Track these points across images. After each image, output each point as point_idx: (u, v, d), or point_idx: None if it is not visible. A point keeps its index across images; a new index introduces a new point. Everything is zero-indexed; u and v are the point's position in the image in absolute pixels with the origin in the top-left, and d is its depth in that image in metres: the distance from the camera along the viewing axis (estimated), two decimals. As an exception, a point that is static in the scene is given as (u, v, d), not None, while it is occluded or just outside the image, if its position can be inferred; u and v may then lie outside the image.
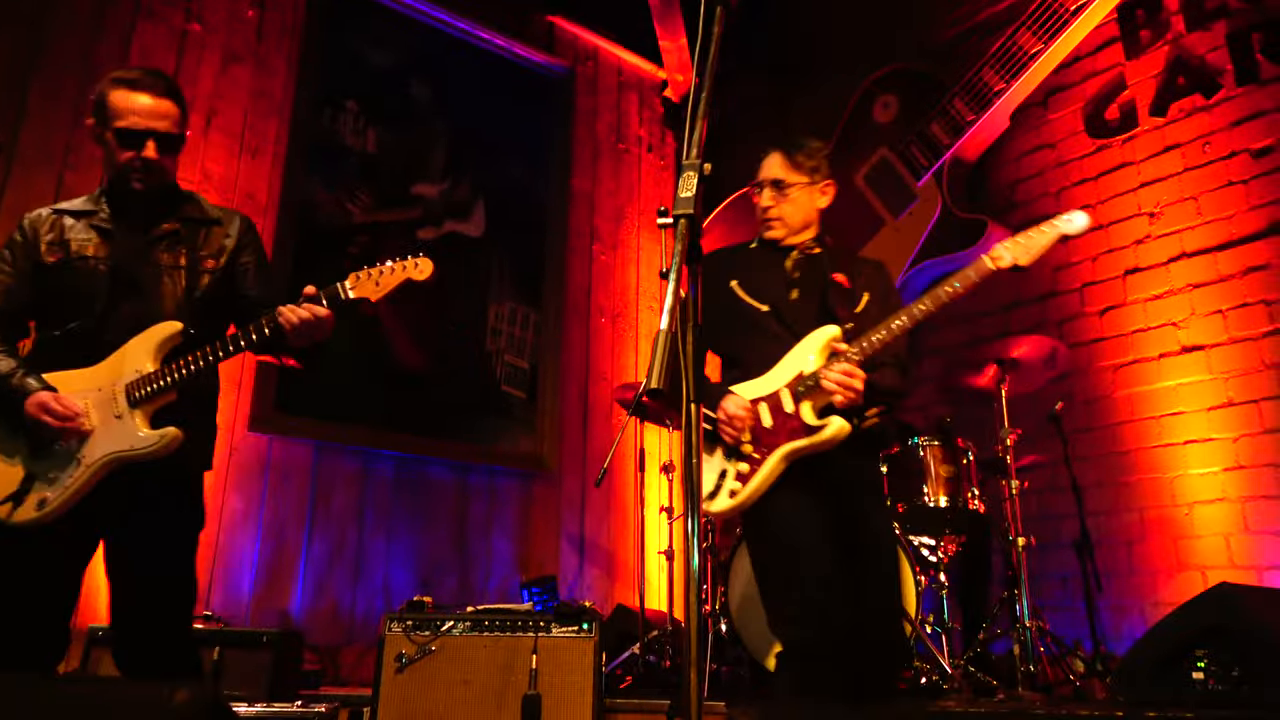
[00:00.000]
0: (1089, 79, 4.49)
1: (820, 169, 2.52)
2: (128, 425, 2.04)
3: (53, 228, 2.19)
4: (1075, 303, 4.37)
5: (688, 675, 1.16)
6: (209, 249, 2.25)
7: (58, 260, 2.14)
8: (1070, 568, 3.94)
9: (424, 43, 5.25)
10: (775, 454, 2.22)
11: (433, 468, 4.73)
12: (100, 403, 2.06)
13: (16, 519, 1.99)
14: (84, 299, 2.13)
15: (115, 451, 2.02)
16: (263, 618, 4.03)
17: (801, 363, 2.30)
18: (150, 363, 2.08)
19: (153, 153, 2.13)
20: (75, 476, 2.01)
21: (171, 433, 2.03)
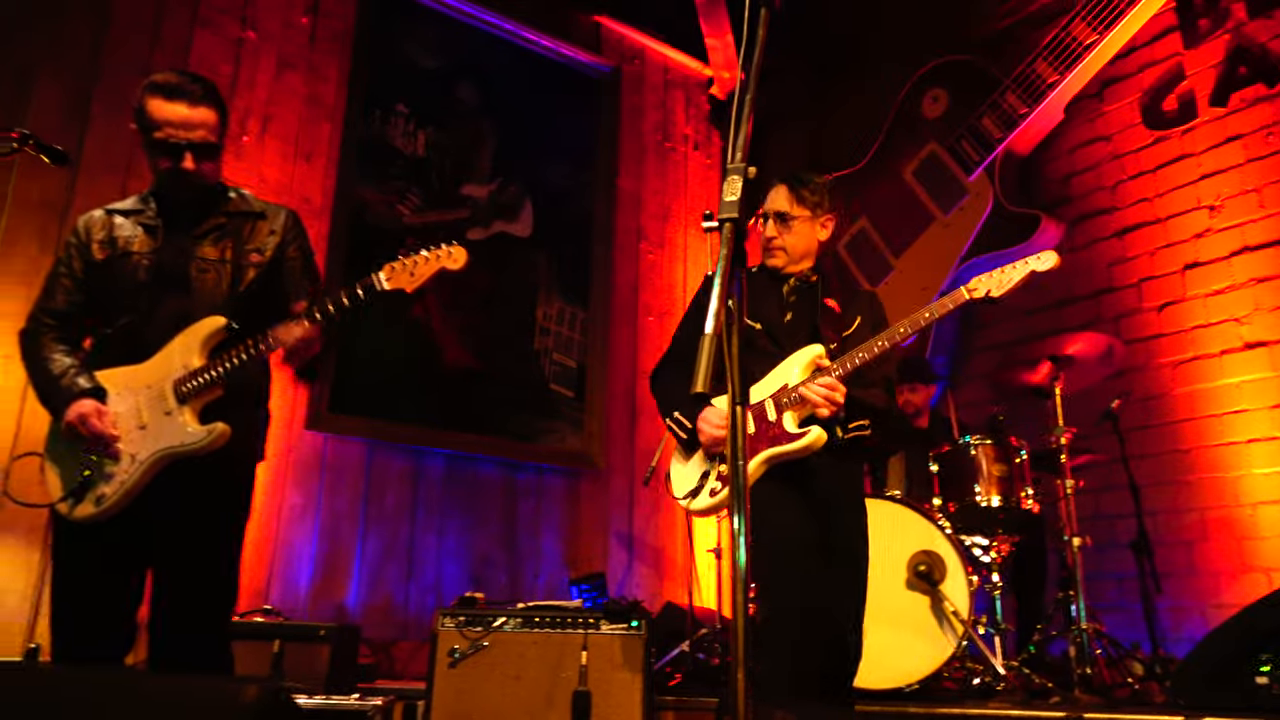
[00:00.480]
0: (1146, 69, 4.38)
1: (823, 204, 2.63)
2: (177, 421, 2.08)
3: (104, 226, 2.23)
4: (1132, 298, 4.28)
5: (735, 675, 1.17)
6: (254, 243, 2.26)
7: (106, 257, 2.19)
8: (1127, 568, 3.86)
9: (472, 45, 5.31)
10: (756, 458, 2.38)
11: (482, 465, 4.79)
12: (150, 400, 2.11)
13: (77, 515, 2.06)
14: (130, 295, 2.17)
15: (166, 448, 2.07)
16: (320, 612, 4.12)
17: (786, 376, 2.44)
18: (197, 358, 2.11)
19: (190, 164, 2.14)
20: (130, 472, 2.06)
21: (219, 428, 2.07)
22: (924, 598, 3.23)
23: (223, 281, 2.20)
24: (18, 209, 3.73)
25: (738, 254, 1.34)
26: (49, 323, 2.21)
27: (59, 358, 2.16)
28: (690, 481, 2.51)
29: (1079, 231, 4.54)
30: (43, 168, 2.49)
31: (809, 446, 2.33)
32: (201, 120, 2.14)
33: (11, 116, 3.77)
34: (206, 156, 2.17)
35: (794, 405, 2.38)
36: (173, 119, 2.11)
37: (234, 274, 2.21)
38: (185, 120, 2.12)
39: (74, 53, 3.98)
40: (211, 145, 2.18)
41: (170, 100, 2.12)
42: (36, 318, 2.22)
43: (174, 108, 2.12)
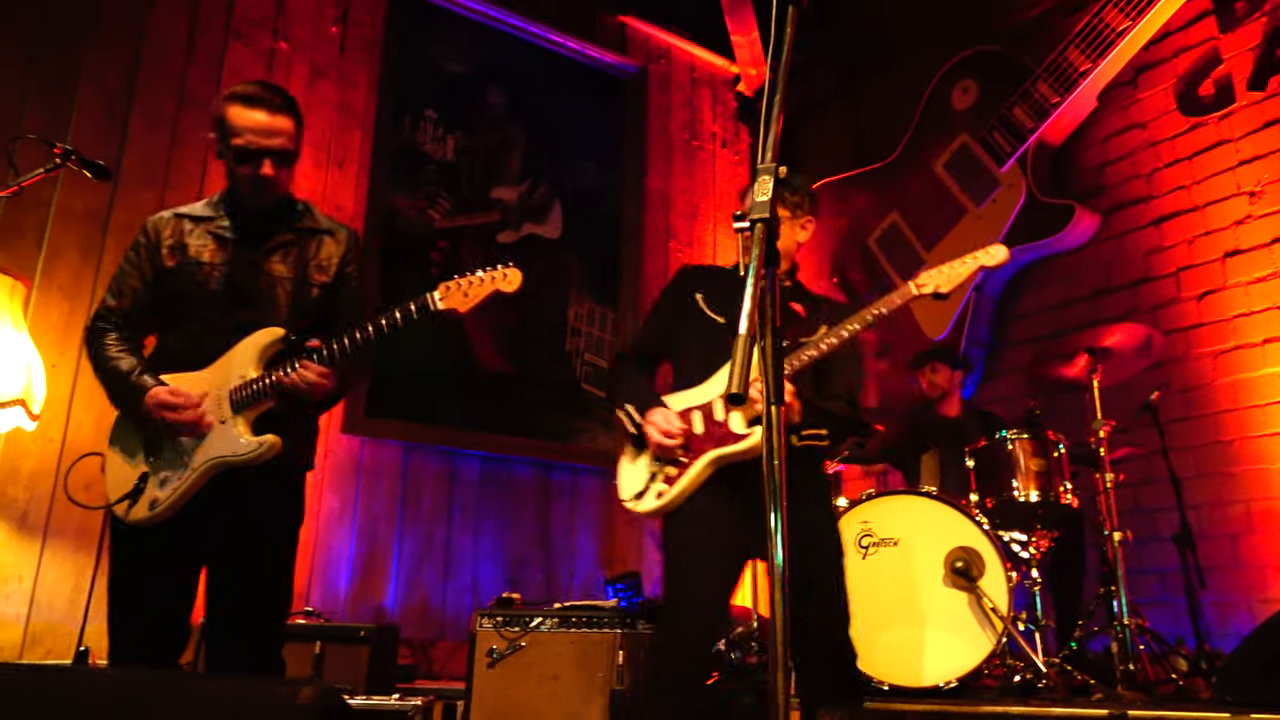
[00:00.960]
0: (1180, 54, 4.31)
1: (803, 205, 2.60)
2: (230, 431, 2.11)
3: (174, 231, 2.25)
4: (1171, 288, 4.21)
5: (773, 676, 1.17)
6: (319, 261, 2.29)
7: (175, 264, 2.21)
8: (1170, 562, 3.81)
9: (498, 49, 5.34)
10: (702, 459, 2.33)
11: (516, 466, 4.82)
12: (209, 407, 2.14)
13: (133, 517, 2.10)
14: (198, 304, 2.20)
15: (218, 456, 2.09)
16: (359, 613, 4.17)
17: None
18: (253, 368, 2.14)
19: (269, 170, 2.17)
20: (183, 479, 2.09)
21: (270, 440, 2.09)
22: (962, 594, 3.21)
23: (288, 297, 2.23)
24: (61, 220, 3.82)
25: (770, 254, 1.34)
26: (114, 321, 2.24)
27: (125, 356, 2.19)
28: (638, 482, 2.45)
29: (1114, 221, 4.48)
30: (85, 180, 2.55)
31: (755, 448, 2.27)
32: (281, 128, 2.18)
33: (55, 128, 3.86)
34: (284, 164, 2.21)
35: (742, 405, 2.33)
36: (253, 126, 2.15)
37: (298, 290, 2.24)
38: (265, 127, 2.15)
39: (112, 66, 4.07)
40: (289, 153, 2.21)
41: (250, 108, 2.15)
42: (103, 316, 2.25)
43: (254, 115, 2.15)
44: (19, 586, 3.47)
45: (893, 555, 3.33)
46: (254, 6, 4.52)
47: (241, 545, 2.15)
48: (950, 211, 5.08)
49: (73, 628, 3.49)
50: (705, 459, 2.32)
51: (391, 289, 4.61)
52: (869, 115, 5.98)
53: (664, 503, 2.36)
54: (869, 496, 3.44)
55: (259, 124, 2.15)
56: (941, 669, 3.12)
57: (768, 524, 1.24)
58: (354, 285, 2.36)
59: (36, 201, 3.76)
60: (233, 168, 2.20)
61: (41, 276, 3.73)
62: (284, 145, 2.18)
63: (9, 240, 3.69)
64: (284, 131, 2.18)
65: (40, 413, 3.27)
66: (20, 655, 3.41)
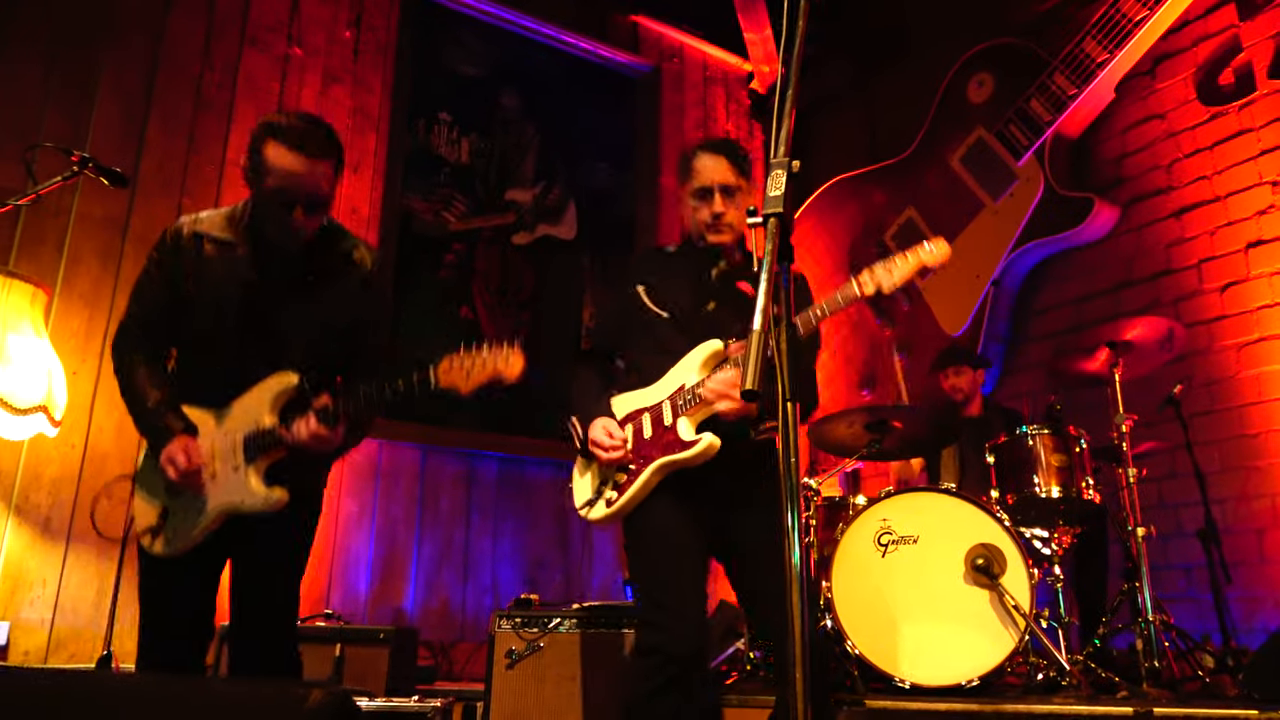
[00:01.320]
0: (1200, 43, 4.26)
1: (752, 175, 2.46)
2: (241, 479, 2.11)
3: (194, 253, 2.15)
4: (1193, 280, 4.16)
5: (792, 674, 1.16)
6: (340, 298, 2.21)
7: (196, 294, 2.14)
8: (1195, 558, 3.76)
9: (512, 51, 5.35)
10: (650, 466, 2.26)
11: (534, 468, 4.83)
12: (223, 452, 2.13)
13: (155, 550, 2.14)
14: (216, 341, 2.16)
15: (229, 504, 2.11)
16: (379, 615, 4.19)
17: (685, 376, 2.31)
18: (268, 416, 2.11)
19: (300, 216, 2.06)
20: (197, 523, 2.12)
21: (277, 495, 2.09)
22: (983, 592, 3.18)
23: (308, 336, 2.18)
24: (80, 227, 3.85)
25: (783, 249, 1.33)
26: (139, 334, 2.21)
27: (151, 386, 2.15)
28: (586, 490, 2.40)
29: (1134, 213, 4.43)
30: (103, 187, 2.57)
31: (702, 455, 2.21)
32: (321, 174, 2.04)
33: (75, 134, 3.90)
34: (316, 211, 2.09)
35: (691, 408, 2.25)
36: (292, 169, 2.01)
37: (319, 332, 2.19)
38: (304, 173, 2.02)
39: (130, 72, 4.10)
40: (323, 199, 2.08)
41: (292, 150, 2.01)
42: (129, 329, 2.22)
43: (295, 158, 2.01)
44: (43, 591, 3.51)
45: (912, 553, 3.31)
46: (269, 12, 4.54)
47: (260, 550, 2.18)
48: (967, 206, 5.04)
49: (96, 632, 3.53)
50: (653, 466, 2.26)
51: (407, 292, 4.63)
52: (883, 109, 5.95)
53: (613, 510, 2.31)
54: (888, 494, 3.41)
55: (295, 169, 2.01)
56: (963, 667, 3.09)
57: (784, 520, 1.22)
58: (373, 321, 2.31)
59: (57, 209, 3.80)
60: (260, 203, 2.10)
61: (62, 284, 3.76)
62: (318, 192, 2.06)
63: (31, 248, 3.72)
64: (324, 176, 2.06)
65: (62, 419, 3.30)
66: (45, 659, 3.45)
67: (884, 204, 5.61)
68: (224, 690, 0.76)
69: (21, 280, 3.23)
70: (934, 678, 3.09)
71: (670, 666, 2.11)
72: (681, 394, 2.28)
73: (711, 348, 2.30)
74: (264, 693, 0.70)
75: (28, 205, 2.56)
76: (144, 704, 0.79)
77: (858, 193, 5.82)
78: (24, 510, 3.53)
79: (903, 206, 5.47)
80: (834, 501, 3.87)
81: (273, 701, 0.68)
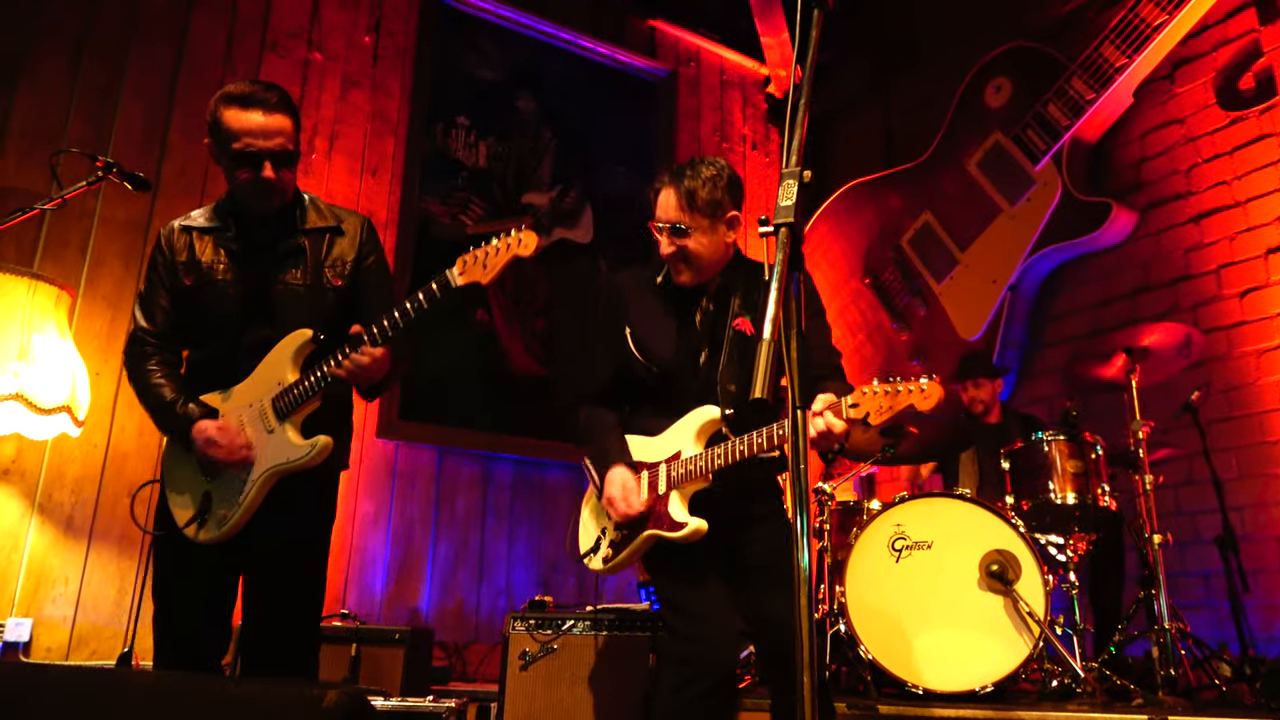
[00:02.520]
0: (1220, 48, 4.23)
1: (722, 203, 2.24)
2: (280, 438, 2.11)
3: (185, 246, 2.21)
4: (1211, 285, 4.13)
5: (800, 678, 1.17)
6: (332, 263, 2.24)
7: (193, 283, 2.19)
8: (1212, 565, 3.73)
9: (529, 55, 5.38)
10: (640, 536, 2.24)
11: (550, 470, 4.85)
12: (252, 419, 2.14)
13: (203, 537, 2.11)
14: (218, 323, 2.19)
15: (274, 465, 2.10)
16: (395, 616, 4.22)
17: (681, 442, 2.24)
18: (290, 373, 2.13)
19: (270, 173, 2.11)
20: (247, 493, 2.10)
21: (323, 441, 2.09)
22: (998, 598, 3.17)
23: (305, 305, 2.20)
24: (104, 230, 3.91)
25: (794, 258, 1.34)
26: (152, 343, 2.23)
27: (167, 383, 2.18)
28: (589, 539, 2.39)
29: (1152, 218, 4.41)
30: (126, 190, 2.60)
31: (689, 538, 2.15)
32: (279, 128, 2.10)
33: (99, 137, 3.96)
34: (285, 165, 2.14)
35: (685, 481, 2.19)
36: (251, 128, 2.08)
37: (315, 297, 2.21)
38: (262, 128, 2.08)
39: (153, 78, 4.16)
40: (290, 153, 2.14)
41: (246, 109, 2.08)
42: (139, 339, 2.25)
43: (250, 116, 2.08)
44: (65, 589, 3.56)
45: (927, 558, 3.30)
46: (289, 18, 4.59)
47: (280, 546, 2.17)
48: (984, 211, 5.03)
49: (117, 629, 3.58)
50: (642, 536, 2.23)
51: (425, 294, 4.66)
52: (900, 114, 5.94)
53: (609, 567, 2.34)
54: (902, 499, 3.41)
55: (256, 125, 2.08)
56: (977, 673, 3.09)
57: (794, 529, 1.24)
58: (375, 277, 2.31)
59: (81, 212, 3.86)
60: (232, 173, 2.13)
61: (86, 286, 3.82)
62: (283, 145, 2.11)
63: (55, 250, 3.78)
64: (283, 131, 2.11)
65: (85, 419, 3.35)
66: (67, 656, 3.50)
67: (900, 208, 5.60)
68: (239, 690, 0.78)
69: (46, 282, 3.28)
70: (947, 683, 3.09)
71: (704, 679, 2.07)
72: (677, 463, 2.22)
73: (707, 415, 2.22)
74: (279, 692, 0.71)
75: (53, 209, 2.60)
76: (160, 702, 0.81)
77: (874, 197, 5.81)
78: (47, 509, 3.59)
79: (919, 211, 5.46)
80: (848, 506, 3.87)
81: (288, 701, 0.69)
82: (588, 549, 2.39)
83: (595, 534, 2.39)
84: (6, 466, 3.54)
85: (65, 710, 0.86)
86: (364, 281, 2.29)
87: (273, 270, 2.20)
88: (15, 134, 3.79)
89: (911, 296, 5.41)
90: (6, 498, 3.52)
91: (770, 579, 2.21)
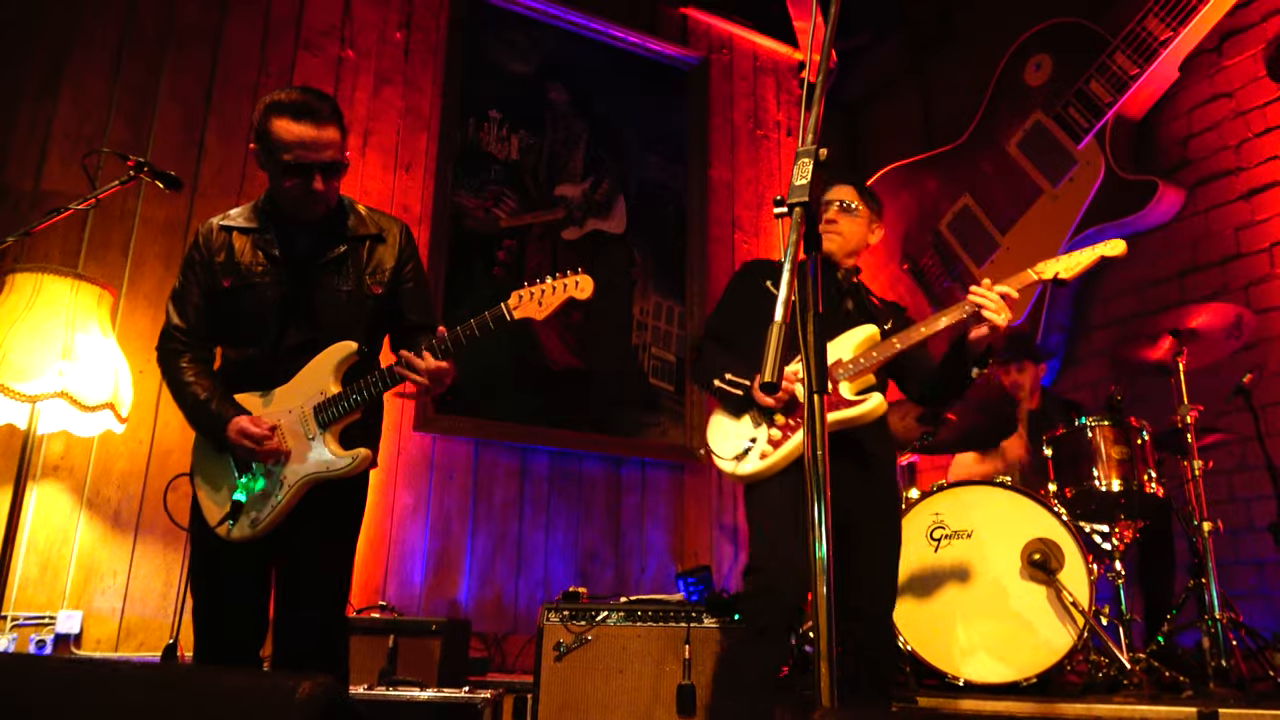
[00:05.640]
0: (1270, 17, 4.08)
1: (880, 211, 2.75)
2: (320, 447, 2.13)
3: (223, 246, 2.21)
4: (1264, 264, 3.99)
5: (818, 668, 1.14)
6: (373, 270, 2.24)
7: (230, 285, 2.20)
8: (1267, 553, 3.62)
9: (560, 46, 5.37)
10: None
11: (586, 461, 4.85)
12: (291, 425, 2.16)
13: (235, 536, 2.14)
14: (258, 326, 2.20)
15: (313, 473, 2.13)
16: (434, 607, 4.26)
17: (840, 353, 2.49)
18: (333, 384, 2.15)
19: (320, 184, 2.11)
20: (281, 496, 2.13)
21: (363, 454, 2.13)
22: (1041, 588, 3.11)
23: (346, 311, 2.21)
24: (144, 230, 3.98)
25: (810, 239, 1.31)
26: (184, 340, 2.25)
27: (200, 381, 2.20)
28: (738, 444, 2.47)
29: (1200, 196, 4.27)
30: (166, 190, 2.64)
31: (871, 413, 2.35)
32: (330, 140, 2.10)
33: (136, 139, 4.03)
34: (334, 176, 2.15)
35: (851, 376, 2.42)
36: (302, 139, 2.07)
37: (355, 304, 2.22)
38: (315, 140, 2.08)
39: (189, 79, 4.22)
40: (339, 165, 2.14)
41: (298, 120, 2.07)
42: (172, 336, 2.27)
43: (302, 128, 2.07)
44: (113, 582, 3.65)
45: (967, 548, 3.24)
46: (322, 17, 4.63)
47: (313, 544, 2.20)
48: (1025, 192, 4.92)
49: (164, 621, 3.65)
50: None
51: (459, 289, 4.69)
52: (938, 95, 5.83)
53: (768, 464, 2.39)
54: (940, 488, 3.35)
55: (309, 137, 2.07)
56: (1019, 665, 3.03)
57: (810, 514, 1.21)
58: (413, 285, 2.33)
59: (122, 213, 3.94)
60: (279, 181, 2.14)
61: (128, 285, 3.90)
62: (334, 158, 2.13)
63: (98, 251, 3.86)
64: (333, 143, 2.11)
65: (129, 416, 3.42)
66: (116, 648, 3.58)
67: (939, 191, 5.50)
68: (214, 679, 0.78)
69: (89, 282, 3.35)
70: (989, 675, 3.04)
71: (775, 610, 2.26)
72: (840, 366, 2.44)
73: (867, 331, 2.51)
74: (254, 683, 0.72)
75: (88, 209, 2.65)
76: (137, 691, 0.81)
77: (912, 180, 5.71)
78: (95, 504, 3.67)
79: (958, 194, 5.36)
80: (886, 495, 3.81)
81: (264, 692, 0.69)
82: (735, 453, 2.46)
83: (744, 439, 2.45)
84: (56, 463, 3.63)
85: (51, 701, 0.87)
86: (403, 288, 2.31)
87: (314, 275, 2.21)
88: (58, 138, 3.87)
89: (951, 281, 5.32)
90: (57, 493, 3.61)
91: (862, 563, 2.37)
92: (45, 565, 3.53)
